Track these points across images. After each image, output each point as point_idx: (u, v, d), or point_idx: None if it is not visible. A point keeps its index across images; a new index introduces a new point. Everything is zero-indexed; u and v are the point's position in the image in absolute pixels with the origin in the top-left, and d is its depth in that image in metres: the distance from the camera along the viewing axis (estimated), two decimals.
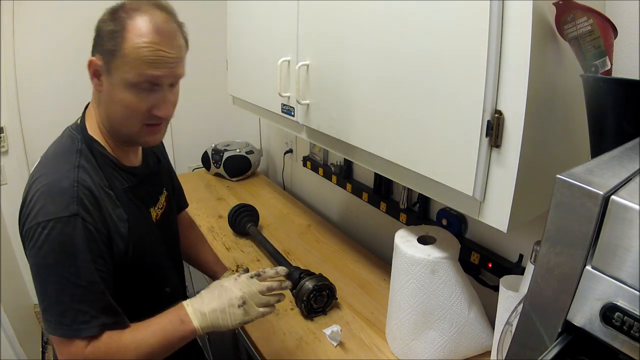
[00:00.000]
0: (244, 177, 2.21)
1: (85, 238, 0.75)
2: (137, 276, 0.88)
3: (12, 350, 1.69)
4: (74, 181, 0.76)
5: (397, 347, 1.07)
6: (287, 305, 1.26)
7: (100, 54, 0.78)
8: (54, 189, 0.75)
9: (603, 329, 0.39)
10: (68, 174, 0.77)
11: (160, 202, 0.99)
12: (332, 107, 1.05)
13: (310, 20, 1.08)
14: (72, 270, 0.74)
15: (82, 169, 0.79)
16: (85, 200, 0.76)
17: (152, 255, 0.92)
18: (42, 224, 0.73)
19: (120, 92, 0.78)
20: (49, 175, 0.78)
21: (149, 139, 0.85)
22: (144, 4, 0.77)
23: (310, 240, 1.65)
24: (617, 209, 0.37)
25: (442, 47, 0.75)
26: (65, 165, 0.79)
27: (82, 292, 0.74)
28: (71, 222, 0.74)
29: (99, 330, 0.76)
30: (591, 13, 0.66)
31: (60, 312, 0.74)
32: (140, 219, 0.89)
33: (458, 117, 0.75)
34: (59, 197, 0.75)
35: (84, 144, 0.83)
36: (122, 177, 0.87)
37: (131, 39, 0.74)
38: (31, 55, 1.91)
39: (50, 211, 0.74)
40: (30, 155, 2.04)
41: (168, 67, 0.78)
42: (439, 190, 0.84)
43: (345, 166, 1.70)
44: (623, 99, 0.56)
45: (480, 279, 1.20)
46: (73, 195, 0.75)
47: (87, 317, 0.74)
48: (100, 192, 0.80)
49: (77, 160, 0.80)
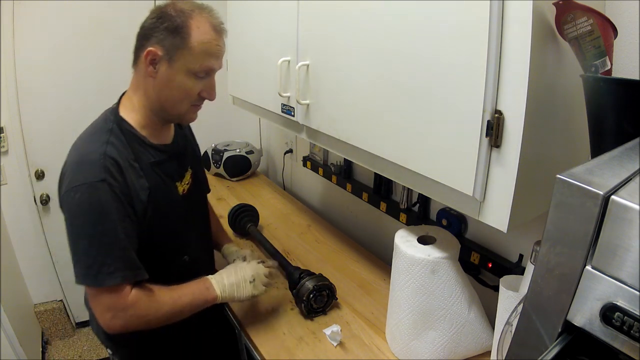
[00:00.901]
0: (244, 177, 2.21)
1: (111, 200, 0.87)
2: (156, 241, 0.99)
3: (12, 350, 1.68)
4: (101, 154, 0.89)
5: (397, 347, 1.07)
6: (287, 305, 1.26)
7: (162, 46, 0.91)
8: (85, 160, 0.90)
9: (603, 329, 0.39)
10: (98, 148, 0.90)
11: (186, 179, 1.12)
12: (332, 107, 1.05)
13: (310, 20, 1.08)
14: (99, 228, 0.87)
15: (111, 144, 0.92)
16: (111, 169, 0.89)
17: (174, 223, 1.04)
18: (74, 189, 0.87)
19: (180, 78, 0.93)
20: (82, 149, 0.93)
21: (193, 116, 1.02)
22: (203, 8, 0.94)
23: (310, 240, 1.65)
24: (617, 209, 0.37)
25: (442, 47, 0.75)
26: (96, 142, 0.92)
27: (107, 247, 0.87)
28: (99, 186, 0.86)
29: (121, 281, 0.88)
30: (591, 13, 0.66)
31: (88, 265, 0.87)
32: (164, 190, 1.01)
33: (458, 117, 0.75)
34: (89, 166, 0.88)
35: (115, 124, 0.96)
36: (149, 153, 1.00)
37: (197, 35, 0.91)
38: (31, 55, 1.91)
39: (80, 178, 0.87)
40: (30, 155, 2.04)
41: (220, 59, 0.97)
42: (439, 190, 0.84)
43: (345, 166, 1.70)
44: (623, 99, 0.56)
45: (480, 279, 1.20)
46: (101, 165, 0.88)
47: (111, 269, 0.87)
48: (126, 163, 0.92)
49: (107, 137, 0.93)
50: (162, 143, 1.05)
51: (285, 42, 1.18)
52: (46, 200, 2.12)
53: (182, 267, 1.09)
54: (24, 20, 1.86)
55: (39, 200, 2.10)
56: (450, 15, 0.73)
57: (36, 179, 2.08)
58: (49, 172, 2.10)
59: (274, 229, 1.72)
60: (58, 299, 2.30)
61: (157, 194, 0.98)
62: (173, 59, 0.92)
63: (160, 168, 1.01)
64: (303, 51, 1.12)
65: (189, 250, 1.10)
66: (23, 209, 2.07)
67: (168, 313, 0.97)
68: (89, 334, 2.37)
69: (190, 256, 1.10)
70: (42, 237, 2.15)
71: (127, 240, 0.90)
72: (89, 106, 2.08)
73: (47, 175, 2.10)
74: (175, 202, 1.05)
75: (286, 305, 1.26)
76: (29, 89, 1.95)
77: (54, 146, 2.07)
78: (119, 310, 0.90)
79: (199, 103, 1.00)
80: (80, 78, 2.05)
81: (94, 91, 2.09)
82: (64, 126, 2.07)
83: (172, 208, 1.03)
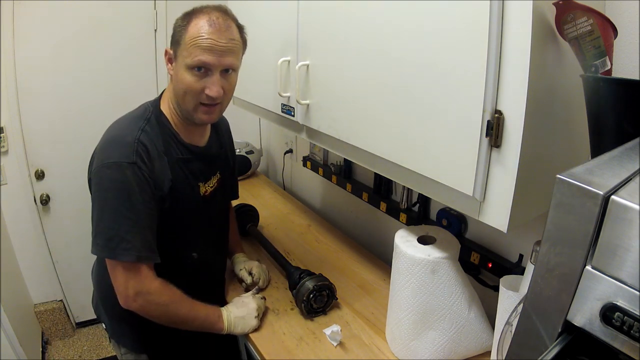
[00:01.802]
0: (244, 177, 2.21)
1: (140, 182, 0.93)
2: (168, 233, 1.03)
3: (12, 350, 1.68)
4: (135, 138, 0.95)
5: (397, 347, 1.07)
6: (287, 305, 1.26)
7: (172, 45, 0.99)
8: (120, 141, 0.95)
9: (603, 329, 0.39)
10: (133, 132, 0.96)
11: (211, 182, 1.16)
12: (332, 107, 1.05)
13: (310, 20, 1.08)
14: (125, 205, 0.92)
15: (145, 132, 0.98)
16: (142, 155, 0.95)
17: (187, 220, 1.09)
18: (107, 165, 0.93)
19: (182, 73, 0.96)
20: (118, 130, 0.99)
21: (203, 117, 1.02)
22: (209, 7, 0.97)
23: (310, 240, 1.65)
24: (617, 209, 0.37)
25: (442, 46, 0.75)
26: (132, 126, 0.98)
27: (130, 224, 0.93)
28: (130, 167, 0.92)
29: (135, 259, 0.94)
30: (591, 13, 0.66)
31: (109, 237, 0.93)
32: (186, 187, 1.06)
33: (458, 117, 0.75)
34: (123, 148, 0.94)
35: (154, 115, 1.02)
36: (179, 149, 1.05)
37: (191, 31, 0.94)
38: (31, 55, 1.91)
39: (114, 156, 0.93)
40: (30, 155, 2.04)
41: (217, 54, 0.95)
42: (439, 190, 0.84)
43: (345, 166, 1.70)
44: (623, 99, 0.56)
45: (480, 279, 1.20)
46: (134, 148, 0.94)
47: (129, 245, 0.93)
48: (155, 153, 0.98)
49: (143, 125, 0.99)
50: (194, 144, 1.09)
51: (285, 42, 1.18)
52: (46, 200, 2.12)
53: (190, 264, 1.13)
54: (24, 20, 1.86)
55: (39, 200, 2.10)
56: (451, 15, 0.73)
57: (36, 179, 2.08)
58: (49, 172, 2.10)
59: (274, 229, 1.72)
60: (58, 299, 2.30)
61: (178, 188, 1.02)
62: (176, 56, 0.98)
63: (187, 165, 1.06)
64: (303, 51, 1.12)
65: (198, 249, 1.13)
66: (23, 209, 2.07)
67: (182, 317, 1.03)
68: (89, 334, 2.37)
69: (199, 254, 1.13)
70: (42, 237, 2.15)
71: (149, 221, 0.96)
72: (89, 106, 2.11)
73: (47, 175, 2.10)
74: (194, 200, 1.09)
75: (286, 305, 1.26)
76: (29, 89, 1.95)
77: (54, 146, 2.08)
78: (143, 292, 0.96)
79: (208, 102, 0.99)
80: (80, 78, 2.05)
81: (94, 91, 2.09)
82: (64, 126, 2.08)
83: (189, 205, 1.07)
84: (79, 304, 2.35)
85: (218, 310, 1.10)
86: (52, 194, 2.13)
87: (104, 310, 1.15)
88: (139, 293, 0.96)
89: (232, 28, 0.98)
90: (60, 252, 2.21)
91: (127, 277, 0.95)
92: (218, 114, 1.05)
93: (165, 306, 1.00)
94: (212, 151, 1.16)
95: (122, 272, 0.95)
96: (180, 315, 1.03)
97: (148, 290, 0.97)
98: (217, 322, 1.08)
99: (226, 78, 1.00)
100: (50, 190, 2.13)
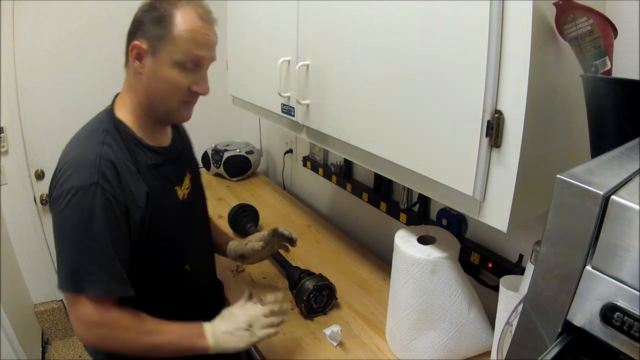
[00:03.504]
0: (244, 177, 2.21)
1: (103, 206, 0.83)
2: (155, 250, 0.95)
3: (12, 350, 1.68)
4: (97, 155, 0.85)
5: (397, 347, 1.07)
6: (287, 305, 1.25)
7: (145, 39, 0.88)
8: (80, 161, 0.85)
9: (603, 329, 0.39)
10: (93, 149, 0.86)
11: (186, 183, 1.06)
12: (332, 107, 1.05)
13: (310, 20, 1.08)
14: (87, 233, 0.83)
15: (107, 145, 0.88)
16: (106, 172, 0.85)
17: (174, 230, 1.00)
18: (66, 191, 0.83)
19: (165, 71, 0.88)
20: (76, 149, 0.89)
21: (183, 114, 0.96)
22: None
23: (310, 240, 1.65)
24: (617, 209, 0.37)
25: (442, 46, 0.75)
26: (91, 142, 0.88)
27: (94, 254, 0.83)
28: (91, 190, 0.83)
29: (104, 293, 0.84)
30: (591, 13, 0.66)
31: (73, 270, 0.83)
32: (163, 195, 0.97)
33: (458, 117, 0.75)
34: (82, 169, 0.84)
35: (111, 124, 0.92)
36: (147, 155, 0.95)
37: (181, 23, 0.86)
38: (31, 55, 1.91)
39: (74, 180, 0.83)
40: (30, 155, 2.04)
41: (210, 49, 0.91)
42: (439, 190, 0.84)
43: (345, 166, 1.70)
44: (623, 99, 0.56)
45: (480, 279, 1.20)
46: (95, 167, 0.84)
47: (94, 277, 0.83)
48: (122, 166, 0.88)
49: (102, 137, 0.89)
50: (159, 145, 1.00)
51: (285, 42, 1.18)
52: (46, 200, 2.11)
53: (183, 277, 1.04)
54: (24, 20, 1.86)
55: (39, 200, 2.10)
56: (450, 15, 0.73)
57: (36, 179, 2.08)
58: (49, 172, 2.08)
59: None
60: (58, 299, 2.29)
61: (156, 198, 0.93)
62: (157, 51, 0.87)
63: (159, 171, 0.97)
64: (303, 51, 1.12)
65: (190, 260, 1.05)
66: (23, 209, 2.07)
67: (146, 345, 0.89)
68: None
69: (191, 266, 1.05)
70: (42, 237, 2.15)
71: (114, 251, 0.85)
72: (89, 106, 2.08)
73: (47, 175, 2.10)
74: (175, 207, 1.00)
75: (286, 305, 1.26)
76: (29, 89, 1.95)
77: (54, 146, 2.05)
78: (94, 324, 0.85)
79: (191, 99, 0.94)
80: (80, 78, 2.05)
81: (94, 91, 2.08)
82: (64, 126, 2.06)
83: (172, 213, 0.99)
84: None
85: (199, 327, 0.94)
86: None
87: None
88: (89, 327, 0.86)
89: (215, 21, 0.94)
90: None
91: (92, 308, 0.85)
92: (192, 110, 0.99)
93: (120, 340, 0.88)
94: (178, 150, 1.07)
95: (86, 304, 0.84)
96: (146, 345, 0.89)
97: (100, 322, 0.86)
98: (198, 340, 0.92)
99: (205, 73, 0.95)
100: None
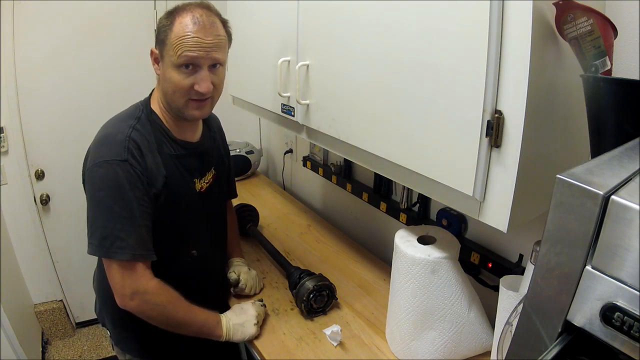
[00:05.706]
0: (244, 177, 2.21)
1: (132, 179, 0.94)
2: (165, 231, 1.03)
3: (12, 350, 1.68)
4: (126, 136, 0.96)
5: (397, 347, 1.07)
6: (287, 305, 1.26)
7: (157, 45, 1.00)
8: (111, 140, 0.96)
9: (603, 329, 0.39)
10: (124, 130, 0.97)
11: (207, 178, 1.16)
12: (332, 107, 1.05)
13: (310, 20, 1.08)
14: (118, 203, 0.93)
15: (136, 130, 0.99)
16: (134, 152, 0.95)
17: (185, 216, 1.08)
18: (99, 164, 0.93)
19: (169, 72, 0.97)
20: (109, 129, 1.00)
21: (194, 112, 1.02)
22: (191, 4, 0.97)
23: (310, 240, 1.65)
24: (617, 209, 0.37)
25: (443, 46, 0.75)
26: (123, 125, 0.99)
27: (123, 222, 0.93)
28: (122, 165, 0.93)
29: (131, 258, 0.94)
30: (591, 13, 0.66)
31: (103, 236, 0.93)
32: (181, 182, 1.06)
33: (458, 117, 0.75)
34: (114, 146, 0.95)
35: (144, 113, 1.03)
36: (171, 146, 1.06)
37: (176, 29, 0.94)
38: (31, 55, 1.91)
39: (106, 155, 0.94)
40: (30, 155, 2.04)
41: (204, 50, 0.95)
42: (439, 190, 0.84)
43: (345, 166, 1.70)
44: (623, 99, 0.56)
45: (480, 279, 1.20)
46: (125, 146, 0.95)
47: (123, 243, 0.93)
48: (147, 150, 0.99)
49: (134, 123, 1.00)
50: (186, 140, 1.09)
51: (285, 42, 1.18)
52: (46, 200, 2.12)
53: (190, 261, 1.12)
54: (24, 20, 1.86)
55: (39, 200, 2.10)
56: (451, 15, 0.73)
57: (36, 179, 2.08)
58: (49, 172, 2.10)
59: (274, 229, 1.72)
60: (58, 299, 2.30)
61: (173, 184, 1.02)
62: (163, 55, 0.98)
63: (180, 161, 1.06)
64: (303, 51, 1.11)
65: (197, 246, 1.13)
66: (23, 209, 2.07)
67: (180, 319, 1.01)
68: (89, 334, 2.37)
69: (198, 252, 1.13)
70: (42, 237, 2.15)
71: (142, 219, 0.95)
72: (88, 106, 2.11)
73: (47, 175, 2.10)
74: (190, 196, 1.09)
75: (286, 305, 1.26)
76: (29, 89, 1.95)
77: (54, 146, 2.08)
78: (140, 291, 0.96)
79: (197, 97, 0.99)
80: (80, 78, 2.05)
81: (94, 91, 2.09)
82: (64, 126, 2.08)
83: (185, 201, 1.07)
84: (79, 304, 2.35)
85: (217, 316, 1.09)
86: (52, 194, 2.13)
87: (107, 317, 1.15)
88: (135, 292, 0.96)
89: (216, 24, 0.98)
90: (60, 252, 2.21)
91: (123, 276, 0.95)
92: (209, 108, 1.05)
93: (162, 307, 0.99)
94: (205, 147, 1.16)
95: (118, 271, 0.95)
96: (178, 318, 1.01)
97: (145, 290, 0.96)
98: (216, 328, 1.07)
99: (214, 73, 1.00)
100: (50, 190, 2.13)
